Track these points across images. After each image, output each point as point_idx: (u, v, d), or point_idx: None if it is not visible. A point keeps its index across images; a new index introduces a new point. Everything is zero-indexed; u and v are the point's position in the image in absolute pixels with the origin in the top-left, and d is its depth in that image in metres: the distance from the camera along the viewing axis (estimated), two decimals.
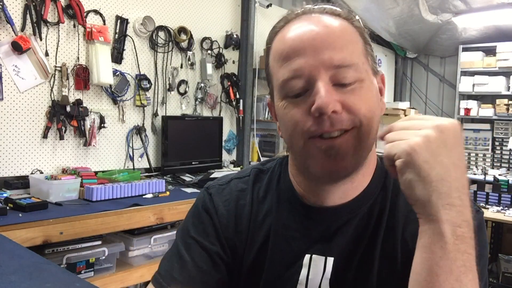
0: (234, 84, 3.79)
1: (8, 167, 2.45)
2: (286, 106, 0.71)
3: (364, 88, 0.70)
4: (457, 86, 5.62)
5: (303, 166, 0.74)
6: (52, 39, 2.59)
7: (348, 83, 0.68)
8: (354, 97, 0.68)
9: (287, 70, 0.70)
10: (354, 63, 0.68)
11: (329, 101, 0.65)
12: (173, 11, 3.33)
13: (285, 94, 0.71)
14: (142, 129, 3.13)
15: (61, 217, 1.99)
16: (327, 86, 0.67)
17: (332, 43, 0.68)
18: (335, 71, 0.67)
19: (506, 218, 3.12)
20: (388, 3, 4.69)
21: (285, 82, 0.70)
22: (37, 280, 1.06)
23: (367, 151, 0.73)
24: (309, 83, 0.68)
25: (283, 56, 0.71)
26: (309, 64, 0.68)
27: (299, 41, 0.69)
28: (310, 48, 0.68)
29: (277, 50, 0.74)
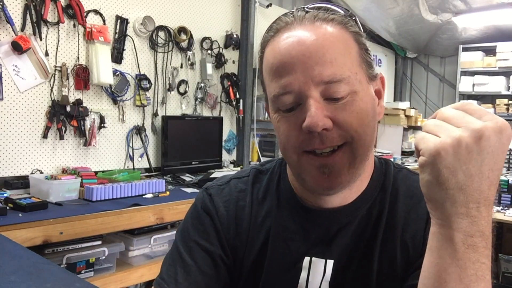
0: (234, 84, 3.79)
1: (8, 167, 2.45)
2: (279, 120, 0.72)
3: (356, 101, 0.68)
4: (457, 86, 5.62)
5: (299, 178, 0.74)
6: (52, 39, 2.59)
7: (339, 98, 0.67)
8: (345, 112, 0.67)
9: (278, 86, 0.69)
10: (345, 77, 0.67)
11: (318, 120, 0.65)
12: (173, 11, 3.33)
13: (277, 108, 0.72)
14: (142, 129, 3.13)
15: (61, 217, 1.99)
16: (317, 103, 0.66)
17: (322, 58, 0.67)
18: (326, 86, 0.67)
19: (506, 218, 3.11)
20: (388, 3, 4.69)
21: (276, 97, 0.70)
22: (37, 280, 1.06)
23: (363, 163, 0.72)
24: (300, 98, 0.68)
25: (273, 71, 0.71)
26: (299, 80, 0.67)
27: (289, 57, 0.68)
28: (299, 64, 0.67)
29: (267, 63, 0.73)
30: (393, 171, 0.82)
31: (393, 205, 0.78)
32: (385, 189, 0.80)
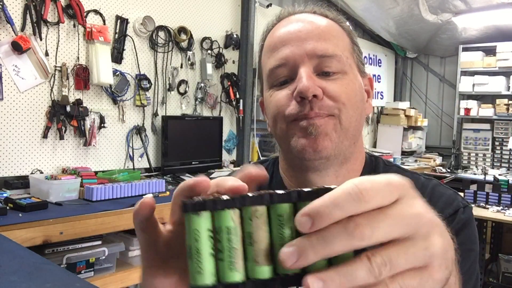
0: (234, 84, 3.79)
1: (8, 167, 2.45)
2: (271, 95, 0.74)
3: (346, 79, 0.72)
4: (457, 86, 5.62)
5: (287, 149, 0.75)
6: (52, 39, 2.59)
7: (331, 72, 0.71)
8: (335, 85, 0.70)
9: (274, 59, 0.73)
10: (337, 55, 0.71)
11: (309, 85, 0.67)
12: (173, 11, 3.33)
13: (271, 84, 0.74)
14: (142, 129, 3.13)
15: (61, 217, 1.99)
16: (309, 72, 0.69)
17: (317, 35, 0.71)
18: (319, 60, 0.70)
19: (506, 218, 3.12)
20: (388, 3, 4.69)
21: (272, 70, 0.73)
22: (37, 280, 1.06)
23: (347, 141, 0.72)
24: (294, 71, 0.71)
25: (271, 47, 0.75)
26: (293, 53, 0.71)
27: (287, 33, 0.73)
28: (295, 38, 0.72)
29: (267, 44, 0.77)
30: (383, 167, 0.81)
31: None
32: None
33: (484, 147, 5.55)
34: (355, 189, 0.30)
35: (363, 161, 0.81)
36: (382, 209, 0.30)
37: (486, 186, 3.50)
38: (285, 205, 0.33)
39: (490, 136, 5.49)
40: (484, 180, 3.69)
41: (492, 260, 3.94)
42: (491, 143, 5.50)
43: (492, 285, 3.52)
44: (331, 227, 0.29)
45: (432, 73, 6.27)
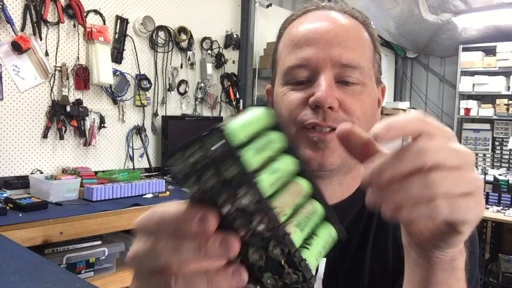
0: (234, 84, 3.79)
1: (8, 167, 2.45)
2: (285, 93, 0.71)
3: (364, 93, 0.70)
4: (457, 86, 5.62)
5: None
6: (52, 39, 2.59)
7: (350, 83, 0.68)
8: (353, 99, 0.68)
9: (295, 57, 0.70)
10: (361, 66, 0.69)
11: (328, 96, 0.65)
12: (173, 11, 3.33)
13: (286, 81, 0.71)
14: (142, 129, 3.13)
15: (61, 217, 1.99)
16: (330, 81, 0.67)
17: (345, 41, 0.68)
18: (341, 69, 0.68)
19: (506, 218, 3.12)
20: (388, 3, 4.69)
21: (290, 68, 0.70)
22: (37, 280, 1.06)
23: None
24: (313, 75, 0.68)
25: (294, 43, 0.71)
26: (317, 56, 0.68)
27: (313, 32, 0.70)
28: (322, 40, 0.68)
29: (289, 36, 0.73)
30: None
31: None
32: None
33: (484, 147, 5.55)
34: (420, 115, 0.37)
35: None
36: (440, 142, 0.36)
37: (486, 186, 3.49)
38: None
39: (490, 136, 5.48)
40: (484, 180, 3.69)
41: (492, 260, 3.94)
42: (491, 143, 5.50)
43: (492, 285, 3.52)
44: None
45: (432, 73, 6.27)
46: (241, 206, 0.32)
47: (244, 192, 0.31)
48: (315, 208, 0.39)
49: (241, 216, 0.32)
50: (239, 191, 0.31)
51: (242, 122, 0.34)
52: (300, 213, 0.37)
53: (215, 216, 0.33)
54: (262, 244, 0.33)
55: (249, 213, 0.32)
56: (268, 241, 0.33)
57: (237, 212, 0.32)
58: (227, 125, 0.31)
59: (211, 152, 0.31)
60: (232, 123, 0.33)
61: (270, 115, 0.37)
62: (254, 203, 0.31)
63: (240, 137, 0.32)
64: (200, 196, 0.33)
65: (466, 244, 0.49)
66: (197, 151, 0.32)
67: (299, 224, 0.36)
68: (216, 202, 0.32)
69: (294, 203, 0.36)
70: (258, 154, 0.33)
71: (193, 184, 0.33)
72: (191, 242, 0.33)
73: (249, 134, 0.34)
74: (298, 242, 0.35)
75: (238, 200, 0.32)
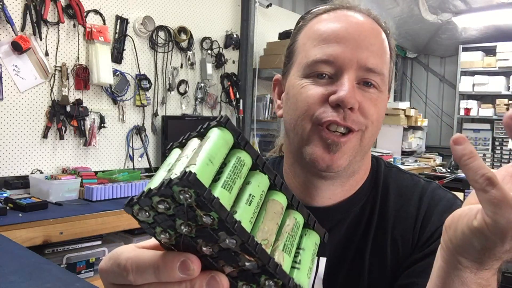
0: (234, 84, 3.79)
1: (8, 167, 2.45)
2: (304, 86, 0.70)
3: (380, 98, 0.71)
4: (457, 86, 5.62)
5: (300, 151, 0.72)
6: (52, 39, 2.59)
7: (371, 85, 0.70)
8: (371, 102, 0.69)
9: (322, 52, 0.69)
10: (383, 73, 0.70)
11: (351, 97, 0.66)
12: (173, 11, 3.33)
13: (307, 74, 0.70)
14: (142, 129, 3.13)
15: (61, 217, 1.99)
16: (353, 82, 0.67)
17: (373, 46, 0.69)
18: (365, 72, 0.68)
19: None
20: (388, 3, 4.69)
21: (314, 62, 0.69)
22: (37, 280, 1.06)
23: (361, 156, 0.73)
24: (337, 73, 0.68)
25: (323, 37, 0.70)
26: (345, 55, 0.68)
27: (344, 30, 0.70)
28: (352, 40, 0.68)
29: (316, 30, 0.73)
30: (384, 169, 0.81)
31: (383, 203, 0.78)
32: (376, 187, 0.80)
33: (484, 147, 5.55)
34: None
35: (369, 169, 0.81)
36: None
37: None
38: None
39: (490, 136, 5.49)
40: None
41: None
42: (491, 143, 5.50)
43: None
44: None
45: (432, 73, 6.27)
46: (224, 248, 0.30)
47: (225, 237, 0.30)
48: (295, 221, 0.37)
49: (225, 256, 0.31)
50: (219, 236, 0.30)
51: (206, 159, 0.32)
52: (284, 232, 0.35)
53: (197, 260, 0.31)
54: (253, 279, 0.31)
55: (235, 253, 0.30)
56: (260, 275, 0.31)
57: (220, 253, 0.31)
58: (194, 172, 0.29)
59: (180, 203, 0.29)
60: (198, 163, 0.31)
61: (228, 132, 0.35)
62: (238, 246, 0.30)
63: (206, 179, 0.31)
64: (174, 242, 0.32)
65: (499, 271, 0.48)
66: (162, 202, 0.30)
67: (286, 247, 0.35)
68: (194, 246, 0.31)
69: (277, 226, 0.35)
70: (230, 189, 0.32)
71: (161, 233, 0.32)
72: (176, 287, 0.32)
73: (215, 169, 0.32)
74: (288, 267, 0.34)
75: (220, 244, 0.30)
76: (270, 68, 3.79)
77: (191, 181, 0.29)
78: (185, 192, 0.29)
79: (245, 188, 0.34)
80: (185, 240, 0.31)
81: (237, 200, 0.33)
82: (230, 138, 0.35)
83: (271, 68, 3.74)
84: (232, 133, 0.36)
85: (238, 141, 0.36)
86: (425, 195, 0.75)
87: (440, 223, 0.70)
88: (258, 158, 0.36)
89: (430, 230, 0.71)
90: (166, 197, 0.30)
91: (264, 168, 0.37)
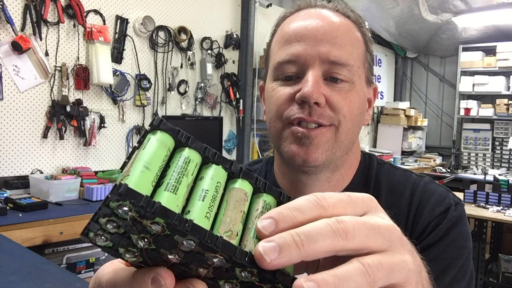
0: (234, 84, 3.79)
1: (8, 167, 2.45)
2: (274, 89, 0.72)
3: (352, 91, 0.70)
4: (457, 86, 5.62)
5: (279, 150, 0.74)
6: (52, 39, 2.59)
7: (339, 80, 0.69)
8: (340, 96, 0.68)
9: (285, 53, 0.70)
10: (349, 64, 0.69)
11: (314, 91, 0.65)
12: (173, 11, 3.33)
13: (276, 76, 0.72)
14: (142, 129, 3.13)
15: (61, 217, 1.99)
16: (317, 77, 0.67)
17: (334, 39, 0.69)
18: (329, 66, 0.68)
19: (506, 218, 3.11)
20: (388, 3, 4.69)
21: (280, 64, 0.71)
22: (37, 280, 1.06)
23: (341, 152, 0.72)
24: (302, 70, 0.69)
25: (285, 39, 0.72)
26: (306, 52, 0.68)
27: (303, 28, 0.70)
28: (311, 37, 0.69)
29: (281, 33, 0.74)
30: (376, 166, 0.81)
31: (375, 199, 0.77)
32: (368, 183, 0.79)
33: (484, 147, 5.55)
34: (313, 197, 0.30)
35: (357, 166, 0.80)
36: (355, 217, 0.30)
37: (486, 186, 3.49)
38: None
39: (490, 136, 5.49)
40: (484, 180, 3.69)
41: (492, 260, 3.94)
42: (491, 143, 5.50)
43: (492, 285, 3.52)
44: (312, 224, 0.29)
45: (432, 73, 6.27)
46: (187, 251, 0.29)
47: (181, 240, 0.29)
48: (265, 203, 0.35)
49: (192, 259, 0.30)
50: (176, 240, 0.29)
51: (142, 166, 0.30)
52: (254, 218, 0.33)
53: (166, 272, 0.31)
54: (229, 274, 0.30)
55: (199, 253, 0.29)
56: (233, 269, 0.30)
57: (186, 257, 0.30)
58: (125, 183, 0.28)
59: (124, 218, 0.28)
60: (131, 174, 0.30)
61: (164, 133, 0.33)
62: (197, 245, 0.29)
63: (145, 187, 0.29)
64: (141, 258, 0.31)
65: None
66: (109, 222, 0.29)
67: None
68: (160, 256, 0.30)
69: (243, 213, 0.33)
70: (175, 190, 0.31)
71: (125, 253, 0.31)
72: None
73: (153, 175, 0.31)
74: None
75: (181, 248, 0.29)
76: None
77: (122, 192, 0.27)
78: (122, 205, 0.28)
79: (197, 184, 0.33)
80: (150, 254, 0.30)
81: (189, 199, 0.32)
82: (167, 139, 0.33)
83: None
84: (169, 134, 0.34)
85: (178, 139, 0.34)
86: (417, 190, 0.74)
87: (432, 218, 0.70)
88: (206, 151, 0.35)
89: (422, 226, 0.71)
90: (109, 216, 0.29)
91: (216, 159, 0.35)
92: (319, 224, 0.28)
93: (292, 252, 0.27)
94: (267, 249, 0.27)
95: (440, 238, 0.69)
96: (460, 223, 0.71)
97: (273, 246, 0.27)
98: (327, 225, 0.28)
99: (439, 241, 0.69)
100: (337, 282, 0.27)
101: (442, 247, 0.68)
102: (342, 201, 0.31)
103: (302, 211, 0.29)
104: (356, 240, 0.29)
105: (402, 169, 0.81)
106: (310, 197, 0.30)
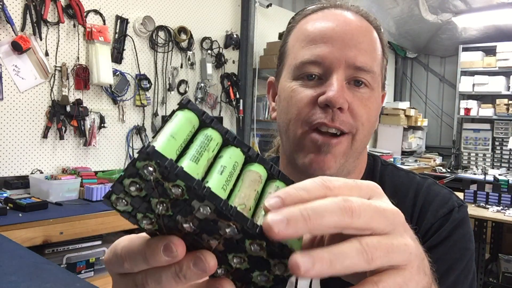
0: (234, 84, 3.79)
1: (8, 167, 2.45)
2: (294, 89, 0.70)
3: (372, 98, 0.70)
4: (457, 86, 5.62)
5: (293, 156, 0.72)
6: (52, 39, 2.59)
7: (361, 84, 0.68)
8: (361, 103, 0.68)
9: (310, 53, 0.68)
10: (373, 71, 0.69)
11: (339, 96, 0.64)
12: (173, 11, 3.33)
13: (297, 76, 0.70)
14: (142, 129, 3.13)
15: (61, 217, 2.00)
16: (342, 81, 0.66)
17: (360, 44, 0.68)
18: (354, 71, 0.67)
19: (506, 218, 3.11)
20: (388, 3, 4.69)
21: (303, 63, 0.69)
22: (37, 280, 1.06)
23: (352, 158, 0.72)
24: (326, 73, 0.67)
25: (310, 38, 0.69)
26: (333, 55, 0.67)
27: (331, 30, 0.69)
28: (339, 40, 0.67)
29: (304, 31, 0.72)
30: (380, 167, 0.81)
31: None
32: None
33: (484, 147, 5.55)
34: (319, 179, 0.32)
35: (365, 168, 0.80)
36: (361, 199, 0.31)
37: (486, 186, 3.49)
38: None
39: (490, 136, 5.49)
40: (484, 180, 3.69)
41: (492, 260, 3.94)
42: (491, 143, 5.50)
43: (492, 285, 3.52)
44: (319, 201, 0.29)
45: (432, 73, 6.27)
46: (202, 218, 0.30)
47: (198, 205, 0.30)
48: (277, 188, 0.37)
49: (206, 228, 0.31)
50: (193, 206, 0.30)
51: (168, 135, 0.32)
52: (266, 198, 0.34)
53: (178, 240, 0.31)
54: (239, 247, 0.31)
55: (213, 221, 0.30)
56: (243, 241, 0.31)
57: (200, 226, 0.30)
58: (153, 145, 0.30)
59: (147, 179, 0.29)
60: (159, 140, 0.31)
61: (191, 112, 0.36)
62: (213, 211, 0.30)
63: (170, 153, 0.31)
64: (156, 226, 0.32)
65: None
66: (133, 183, 0.30)
67: None
68: (175, 225, 0.31)
69: (256, 193, 0.35)
70: (196, 160, 0.32)
71: (142, 219, 0.32)
72: (167, 270, 0.33)
73: (178, 144, 0.32)
74: None
75: (196, 215, 0.30)
76: (270, 68, 3.79)
77: (149, 152, 0.29)
78: (148, 165, 0.29)
79: (217, 161, 0.35)
80: (166, 221, 0.31)
81: (208, 172, 0.33)
82: (193, 117, 0.36)
83: (271, 68, 3.74)
84: (195, 113, 0.36)
85: (203, 119, 0.36)
86: (421, 191, 0.74)
87: (435, 219, 0.70)
88: (227, 133, 0.37)
89: (425, 227, 0.71)
90: (133, 177, 0.30)
91: (235, 142, 0.37)
92: (326, 201, 0.29)
93: (299, 225, 0.28)
94: (275, 219, 0.28)
95: (443, 239, 0.69)
96: (463, 225, 0.71)
97: (281, 218, 0.28)
98: (333, 202, 0.29)
99: (442, 243, 0.69)
100: (333, 258, 0.28)
101: (445, 249, 0.68)
102: (348, 184, 0.32)
103: (308, 190, 0.31)
104: (362, 219, 0.29)
105: (406, 171, 0.81)
106: (317, 179, 0.32)
